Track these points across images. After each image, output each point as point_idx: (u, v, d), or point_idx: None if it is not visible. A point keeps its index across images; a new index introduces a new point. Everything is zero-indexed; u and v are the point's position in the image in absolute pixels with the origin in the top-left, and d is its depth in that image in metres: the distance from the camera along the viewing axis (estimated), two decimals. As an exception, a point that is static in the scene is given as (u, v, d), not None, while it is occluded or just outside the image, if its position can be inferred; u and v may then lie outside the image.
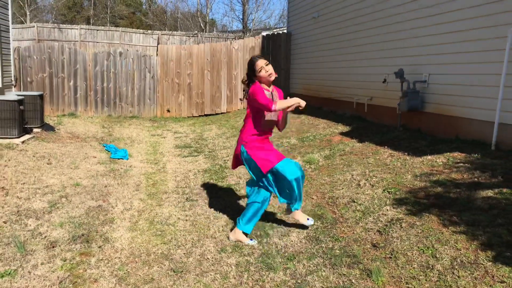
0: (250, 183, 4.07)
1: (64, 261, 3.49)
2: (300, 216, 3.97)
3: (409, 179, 4.66)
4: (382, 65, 7.87)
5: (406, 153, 5.53)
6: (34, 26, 23.83)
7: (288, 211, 4.03)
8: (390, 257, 3.32)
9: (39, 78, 12.31)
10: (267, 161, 3.78)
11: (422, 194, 4.22)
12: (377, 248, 3.49)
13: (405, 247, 3.38)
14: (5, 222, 4.16)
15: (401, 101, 6.81)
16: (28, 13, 29.94)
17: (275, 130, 4.18)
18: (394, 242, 3.50)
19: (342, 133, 7.42)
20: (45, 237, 3.93)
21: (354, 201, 4.44)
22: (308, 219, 3.95)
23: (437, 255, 3.18)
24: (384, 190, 4.51)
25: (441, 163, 4.95)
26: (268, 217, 4.44)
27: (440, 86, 6.43)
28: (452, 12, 6.16)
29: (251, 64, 3.96)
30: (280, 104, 3.75)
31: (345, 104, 9.44)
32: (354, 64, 9.06)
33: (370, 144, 6.33)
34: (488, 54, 5.58)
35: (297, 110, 3.94)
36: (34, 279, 3.18)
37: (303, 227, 4.10)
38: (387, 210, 4.06)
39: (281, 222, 4.29)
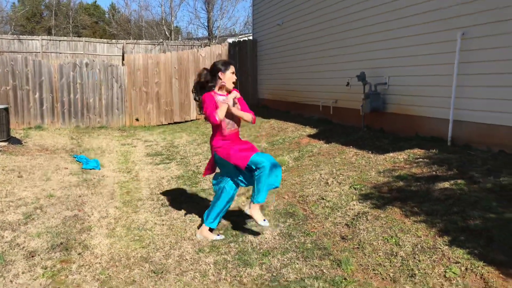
0: (216, 180, 4.26)
1: (45, 269, 3.56)
2: (257, 214, 3.94)
3: (373, 175, 4.95)
4: (346, 69, 8.23)
5: (370, 152, 5.85)
6: (-8, 38, 23.24)
7: (249, 204, 4.01)
8: (358, 248, 3.57)
9: (2, 91, 12.07)
10: (242, 158, 3.90)
11: (385, 189, 4.52)
12: (346, 240, 3.74)
13: (371, 238, 3.64)
14: (-19, 235, 4.17)
15: (364, 103, 7.16)
16: (-15, 25, 29.09)
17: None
18: (361, 233, 3.76)
19: (310, 136, 7.70)
20: (23, 247, 3.97)
21: (323, 198, 4.69)
22: (264, 220, 3.95)
23: (400, 243, 3.45)
24: (350, 187, 4.79)
25: (402, 159, 5.29)
26: (243, 216, 4.63)
27: (399, 87, 6.82)
28: (408, 17, 6.57)
29: (225, 65, 4.23)
30: (221, 112, 3.88)
31: (311, 107, 9.76)
32: (319, 68, 9.41)
33: (337, 145, 6.63)
34: (440, 56, 6.00)
35: (266, 115, 4.19)
36: (17, 287, 3.25)
37: (276, 224, 4.31)
38: (354, 205, 4.32)
39: (254, 221, 4.48)
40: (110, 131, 12.05)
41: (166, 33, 30.66)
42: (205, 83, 4.14)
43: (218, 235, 4.16)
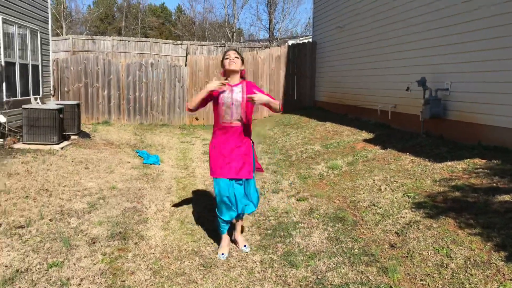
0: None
1: (104, 255, 3.83)
2: (240, 238, 4.08)
3: (429, 184, 4.81)
4: (406, 73, 8.01)
5: (427, 159, 5.67)
6: (69, 38, 24.90)
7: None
8: (406, 256, 3.50)
9: (75, 88, 12.96)
10: (211, 169, 3.87)
11: (440, 198, 4.37)
12: (394, 248, 3.68)
13: (421, 247, 3.56)
14: (50, 220, 4.55)
15: (424, 108, 6.94)
16: (64, 26, 31.25)
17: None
18: (411, 242, 3.68)
19: (365, 140, 7.58)
20: (86, 234, 4.29)
21: (374, 205, 4.63)
22: (245, 245, 4.00)
23: (452, 255, 3.34)
24: (403, 195, 4.68)
25: (461, 168, 5.08)
26: (292, 218, 4.68)
27: (462, 93, 6.54)
28: (474, 21, 6.28)
29: (223, 55, 3.94)
30: (193, 101, 3.80)
31: (369, 111, 9.59)
32: (378, 72, 9.22)
33: (393, 151, 6.48)
34: (510, 62, 5.67)
35: (322, 118, 4.18)
36: (79, 269, 3.52)
37: (325, 228, 4.32)
38: (406, 213, 4.23)
39: (303, 224, 4.51)
40: (171, 128, 12.56)
41: (228, 35, 31.29)
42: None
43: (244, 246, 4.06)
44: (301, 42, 15.09)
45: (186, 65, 13.59)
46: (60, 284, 3.28)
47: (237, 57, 3.85)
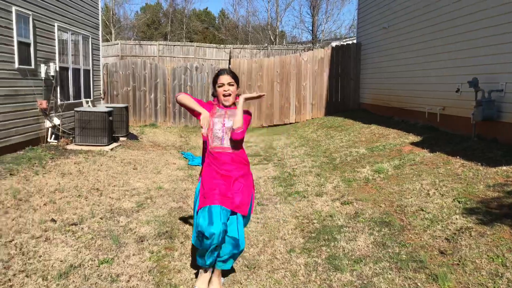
0: None
1: (152, 253, 3.94)
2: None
3: (481, 189, 4.60)
4: (455, 74, 7.72)
5: (479, 164, 5.43)
6: (118, 43, 25.85)
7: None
8: (458, 264, 3.37)
9: (123, 92, 13.43)
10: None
11: (494, 204, 4.18)
12: (445, 255, 3.54)
13: (473, 255, 3.41)
14: (101, 218, 4.74)
15: (475, 110, 6.65)
16: (113, 32, 32.47)
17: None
18: (463, 250, 3.53)
19: (412, 143, 7.37)
20: (135, 232, 4.43)
21: (422, 210, 4.48)
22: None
23: (508, 264, 3.18)
24: (454, 200, 4.51)
25: (516, 173, 4.84)
26: (336, 222, 4.62)
27: (518, 95, 6.22)
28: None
29: (215, 76, 3.39)
30: (186, 101, 3.25)
31: (416, 113, 9.31)
32: (425, 73, 8.94)
33: (442, 154, 6.26)
34: None
35: (366, 120, 4.08)
36: (128, 267, 3.64)
37: (370, 232, 4.23)
38: (456, 219, 4.07)
39: (348, 227, 4.44)
40: (214, 131, 12.73)
41: (271, 37, 31.38)
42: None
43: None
44: (345, 43, 14.90)
45: (229, 68, 13.75)
46: (111, 280, 3.40)
47: (232, 84, 3.31)
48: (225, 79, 3.29)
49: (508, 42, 6.39)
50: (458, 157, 5.94)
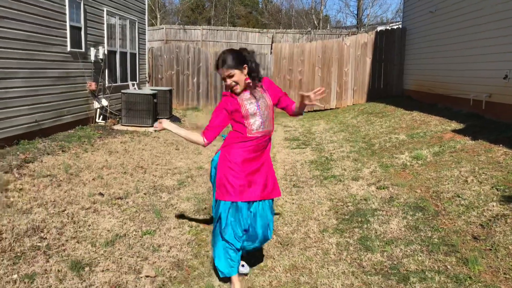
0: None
1: (191, 227, 4.17)
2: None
3: (522, 177, 4.52)
4: (503, 60, 7.44)
5: (522, 152, 5.29)
6: (163, 28, 26.42)
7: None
8: (490, 249, 3.37)
9: (167, 75, 13.82)
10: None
11: (534, 193, 4.10)
12: (478, 240, 3.55)
13: (507, 241, 3.40)
14: (145, 194, 5.03)
15: (523, 98, 6.42)
16: (158, 16, 33.16)
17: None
18: (497, 236, 3.52)
19: (454, 131, 7.22)
20: (175, 208, 4.68)
21: (458, 196, 4.46)
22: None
23: (541, 251, 3.16)
24: (492, 187, 4.45)
25: (561, 163, 4.69)
26: (371, 205, 4.68)
27: None
28: None
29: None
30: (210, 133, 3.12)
31: (460, 101, 9.06)
32: (471, 60, 8.66)
33: (484, 142, 6.12)
34: None
35: (409, 107, 4.04)
36: (168, 238, 3.89)
37: (404, 216, 4.27)
38: (493, 206, 4.03)
39: (382, 211, 4.49)
40: (254, 115, 12.90)
41: (315, 22, 31.00)
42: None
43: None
44: (389, 28, 14.56)
45: (271, 53, 13.81)
46: (152, 249, 3.66)
47: (232, 75, 2.92)
48: (222, 73, 2.94)
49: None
50: (501, 145, 5.80)
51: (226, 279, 3.16)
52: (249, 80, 3.00)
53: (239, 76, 2.94)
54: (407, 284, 3.09)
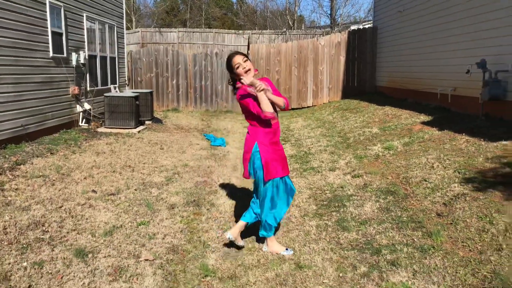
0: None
1: (182, 217, 4.50)
2: (276, 246, 3.75)
3: (480, 161, 5.00)
4: (466, 56, 8.00)
5: (482, 139, 5.80)
6: (138, 31, 26.47)
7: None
8: (451, 224, 3.81)
9: (147, 78, 14.03)
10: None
11: (490, 174, 4.58)
12: (441, 217, 3.99)
13: (465, 216, 3.85)
14: (135, 190, 5.32)
15: (483, 90, 6.97)
16: (133, 20, 33.12)
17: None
18: (457, 212, 3.97)
19: (423, 123, 7.73)
20: (166, 201, 4.99)
21: (425, 180, 4.92)
22: (286, 249, 3.73)
23: (494, 222, 3.62)
24: (455, 171, 4.92)
25: (515, 147, 5.20)
26: (346, 192, 5.09)
27: (523, 74, 6.51)
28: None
29: (228, 62, 3.66)
30: (267, 107, 3.55)
31: (429, 95, 9.62)
32: (438, 56, 9.23)
33: (449, 132, 6.63)
34: None
35: (381, 102, 4.45)
36: (162, 227, 4.21)
37: (376, 200, 4.69)
38: (455, 187, 4.50)
39: (356, 196, 4.91)
40: (234, 115, 13.25)
41: (290, 22, 31.54)
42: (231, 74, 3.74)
43: (286, 249, 3.76)
44: (362, 27, 15.12)
45: (248, 53, 14.17)
46: (148, 237, 3.97)
47: (247, 60, 3.60)
48: (239, 58, 3.56)
49: (515, 24, 6.66)
50: (464, 134, 6.31)
51: (219, 259, 3.52)
52: (257, 72, 3.66)
53: (250, 64, 3.61)
54: (380, 255, 3.49)
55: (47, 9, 8.19)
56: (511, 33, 6.73)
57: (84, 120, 9.59)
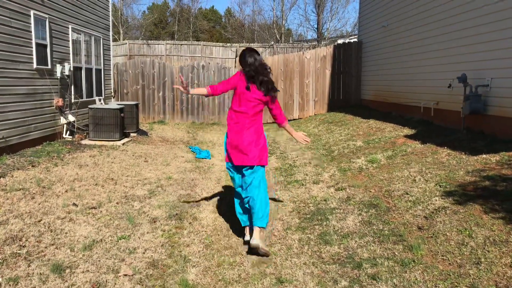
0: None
1: (164, 231, 4.45)
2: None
3: (461, 174, 5.06)
4: (447, 71, 8.15)
5: (463, 153, 5.88)
6: (126, 43, 26.44)
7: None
8: (432, 237, 3.84)
9: (133, 90, 13.98)
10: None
11: (470, 187, 4.63)
12: (421, 230, 4.02)
13: (445, 229, 3.88)
14: (117, 203, 5.26)
15: (464, 104, 7.09)
16: (121, 32, 33.11)
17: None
18: (437, 225, 4.00)
19: (406, 136, 7.82)
20: (148, 215, 4.94)
21: (407, 193, 4.95)
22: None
23: (473, 235, 3.65)
24: (436, 184, 4.97)
25: (494, 161, 5.28)
26: (330, 205, 5.10)
27: (502, 89, 6.64)
28: (514, 17, 6.39)
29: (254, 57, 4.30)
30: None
31: (412, 109, 9.75)
32: (420, 70, 9.38)
33: (432, 145, 6.71)
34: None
35: (366, 116, 4.51)
36: (143, 242, 4.16)
37: (359, 213, 4.71)
38: (436, 200, 4.54)
39: (339, 209, 4.92)
40: (220, 127, 13.25)
41: (277, 36, 31.85)
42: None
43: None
44: (347, 41, 15.32)
45: (235, 66, 14.22)
46: (128, 252, 3.92)
47: None
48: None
49: (493, 40, 6.82)
50: (445, 147, 6.39)
51: (200, 274, 3.48)
52: None
53: None
54: (360, 269, 3.49)
55: (32, 21, 8.15)
56: (490, 48, 6.88)
57: (68, 132, 9.50)
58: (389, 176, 5.77)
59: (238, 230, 4.50)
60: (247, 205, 4.19)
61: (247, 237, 4.16)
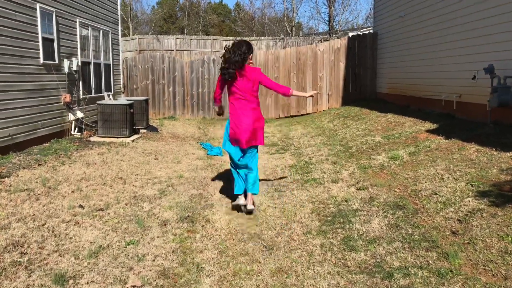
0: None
1: (175, 236, 4.15)
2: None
3: (495, 173, 4.68)
4: (471, 62, 7.71)
5: (493, 149, 5.48)
6: (136, 38, 26.19)
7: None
8: (469, 243, 3.48)
9: (143, 85, 13.72)
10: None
11: (507, 187, 4.25)
12: (456, 235, 3.66)
13: (484, 235, 3.52)
14: (126, 204, 4.98)
15: (491, 97, 6.67)
16: (130, 27, 32.89)
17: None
18: (474, 230, 3.64)
19: (428, 131, 7.42)
20: (158, 217, 4.65)
21: (436, 193, 4.59)
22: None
23: (517, 242, 3.29)
24: (467, 184, 4.60)
25: (530, 157, 4.89)
26: (352, 206, 4.76)
27: (534, 80, 6.23)
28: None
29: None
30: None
31: (433, 102, 9.33)
32: (441, 61, 8.94)
33: (457, 141, 6.32)
34: None
35: (383, 109, 4.17)
36: (153, 247, 3.87)
37: (385, 215, 4.36)
38: (469, 201, 4.17)
39: (363, 211, 4.58)
40: (232, 122, 12.93)
41: (288, 29, 31.35)
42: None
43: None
44: (361, 33, 14.87)
45: (246, 60, 13.89)
46: (137, 259, 3.63)
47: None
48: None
49: (524, 28, 6.38)
50: (473, 143, 6.00)
51: (214, 285, 3.18)
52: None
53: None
54: (392, 280, 3.16)
55: (38, 15, 7.89)
56: (520, 37, 6.45)
57: (76, 128, 9.26)
58: (414, 174, 5.40)
59: (253, 233, 4.19)
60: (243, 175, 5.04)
61: (241, 202, 4.90)
